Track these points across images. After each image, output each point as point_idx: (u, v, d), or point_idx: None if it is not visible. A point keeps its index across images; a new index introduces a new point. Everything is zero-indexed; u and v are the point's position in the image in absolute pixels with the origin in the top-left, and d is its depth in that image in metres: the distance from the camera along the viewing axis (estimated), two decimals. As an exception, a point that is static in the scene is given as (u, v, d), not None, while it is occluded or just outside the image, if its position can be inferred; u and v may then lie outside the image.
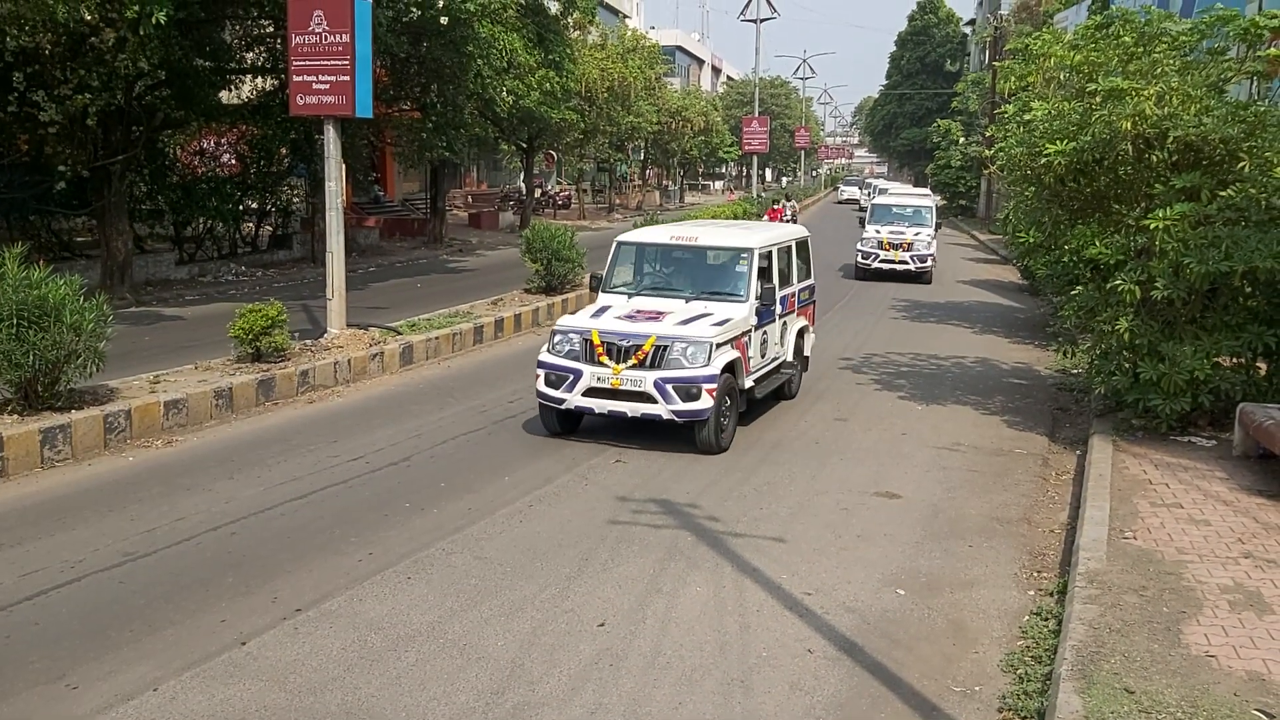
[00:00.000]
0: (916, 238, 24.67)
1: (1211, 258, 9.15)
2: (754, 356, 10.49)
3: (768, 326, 10.92)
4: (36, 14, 13.32)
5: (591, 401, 9.64)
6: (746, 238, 10.89)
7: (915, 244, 24.51)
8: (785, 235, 11.90)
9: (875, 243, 24.78)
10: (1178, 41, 10.27)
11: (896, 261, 24.39)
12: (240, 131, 22.54)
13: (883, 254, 24.49)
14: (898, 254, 24.44)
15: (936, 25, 73.04)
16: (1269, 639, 5.64)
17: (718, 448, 9.58)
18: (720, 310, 10.13)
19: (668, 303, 10.39)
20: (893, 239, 24.62)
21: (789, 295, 11.69)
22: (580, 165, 47.95)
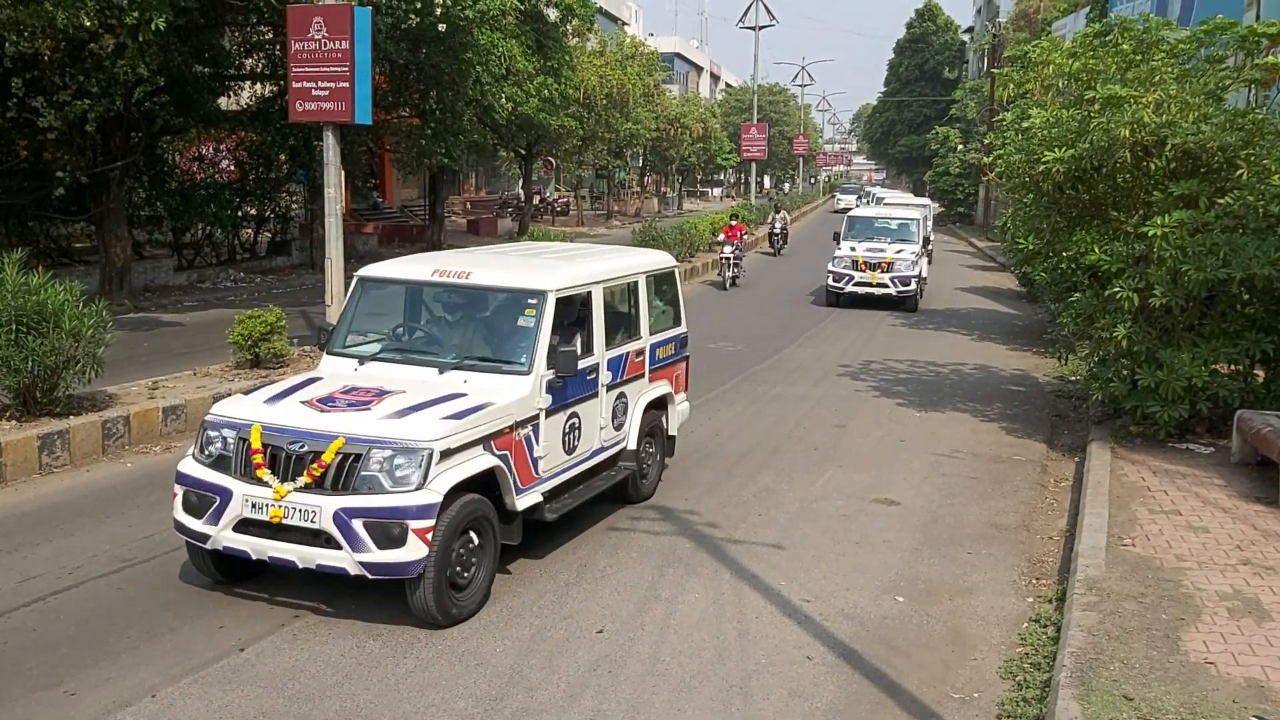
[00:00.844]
0: (899, 257, 21.04)
1: (1209, 265, 9.17)
2: (544, 455, 6.89)
3: (580, 405, 7.36)
4: (36, 20, 13.34)
5: (246, 541, 6.12)
6: (543, 274, 7.26)
7: (897, 264, 20.86)
8: (625, 268, 8.24)
9: (849, 262, 21.14)
10: (1176, 49, 10.30)
11: (874, 285, 20.85)
12: (239, 138, 22.56)
13: (857, 275, 20.94)
14: (875, 275, 20.83)
15: (935, 33, 73.20)
16: (1267, 646, 5.64)
17: (443, 618, 6.06)
18: (480, 389, 6.59)
19: (410, 375, 6.90)
20: (870, 258, 21.05)
21: (630, 354, 8.09)
22: (579, 172, 47.97)
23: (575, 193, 48.18)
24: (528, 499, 6.75)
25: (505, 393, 6.61)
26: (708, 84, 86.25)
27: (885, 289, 20.81)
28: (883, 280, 20.82)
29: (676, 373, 9.08)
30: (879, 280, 20.81)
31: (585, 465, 7.62)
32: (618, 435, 8.04)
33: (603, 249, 9.52)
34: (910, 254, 21.24)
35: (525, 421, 6.70)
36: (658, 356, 8.62)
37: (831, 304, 21.25)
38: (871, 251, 21.22)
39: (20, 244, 15.53)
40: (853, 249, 21.41)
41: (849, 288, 20.99)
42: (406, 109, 23.44)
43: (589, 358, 7.47)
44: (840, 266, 21.24)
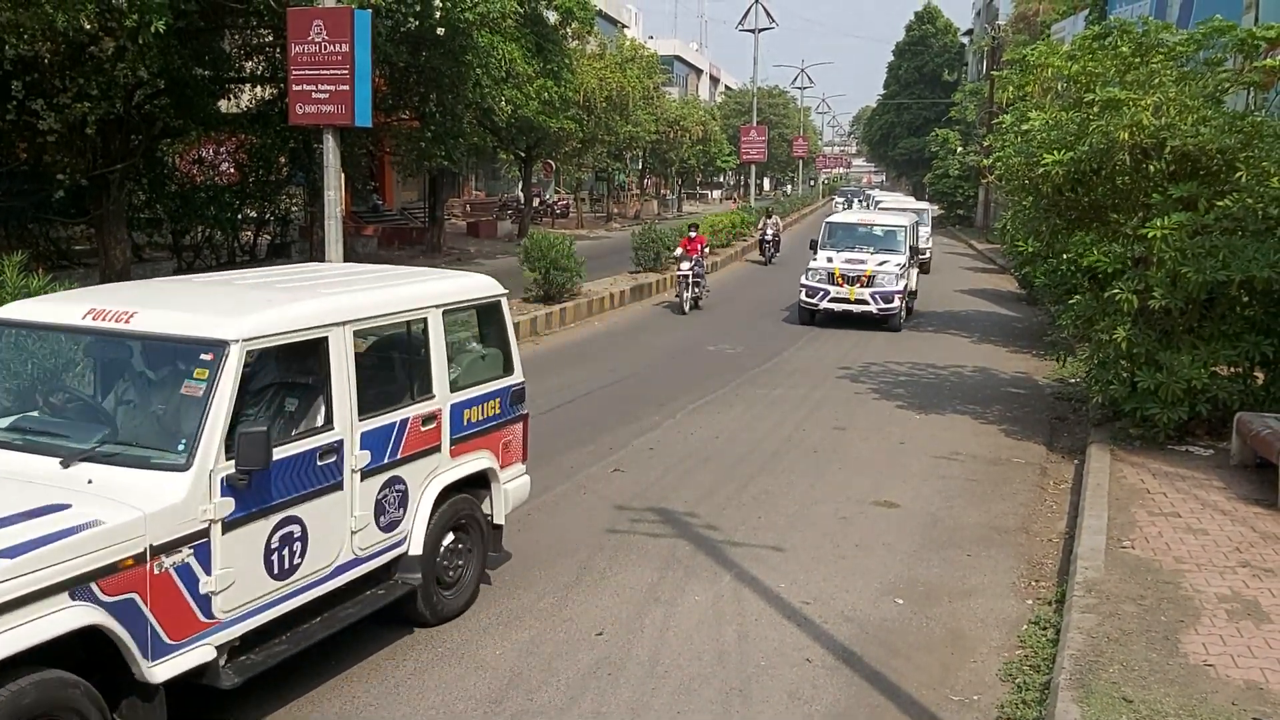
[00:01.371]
0: (881, 269, 18.51)
1: (1209, 267, 9.18)
2: (228, 587, 4.79)
3: (304, 505, 5.21)
4: (35, 22, 13.33)
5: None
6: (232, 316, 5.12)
7: (878, 277, 18.34)
8: (399, 301, 6.08)
9: (824, 275, 18.62)
10: (1175, 52, 10.31)
11: (852, 301, 18.31)
12: (239, 140, 22.55)
13: (833, 290, 18.41)
14: (854, 290, 18.29)
15: (934, 35, 73.20)
16: (1267, 648, 5.64)
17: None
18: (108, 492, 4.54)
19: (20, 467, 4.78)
20: (848, 270, 18.50)
21: (411, 421, 5.93)
22: (578, 174, 47.97)
23: (575, 195, 48.20)
24: (181, 661, 4.57)
25: (144, 499, 4.49)
26: (707, 86, 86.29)
27: (865, 306, 18.34)
28: (862, 296, 18.32)
29: (506, 438, 6.82)
30: (858, 296, 18.33)
31: (319, 589, 5.37)
32: (387, 537, 5.82)
33: (392, 275, 6.96)
34: (894, 266, 18.77)
35: (178, 543, 4.56)
36: (467, 420, 6.41)
37: (805, 322, 18.91)
38: (850, 263, 18.77)
39: (20, 246, 15.51)
40: (830, 259, 18.99)
41: (824, 304, 18.57)
42: (406, 111, 23.44)
43: (323, 434, 5.33)
44: (814, 280, 18.74)
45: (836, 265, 18.68)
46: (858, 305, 18.31)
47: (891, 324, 18.40)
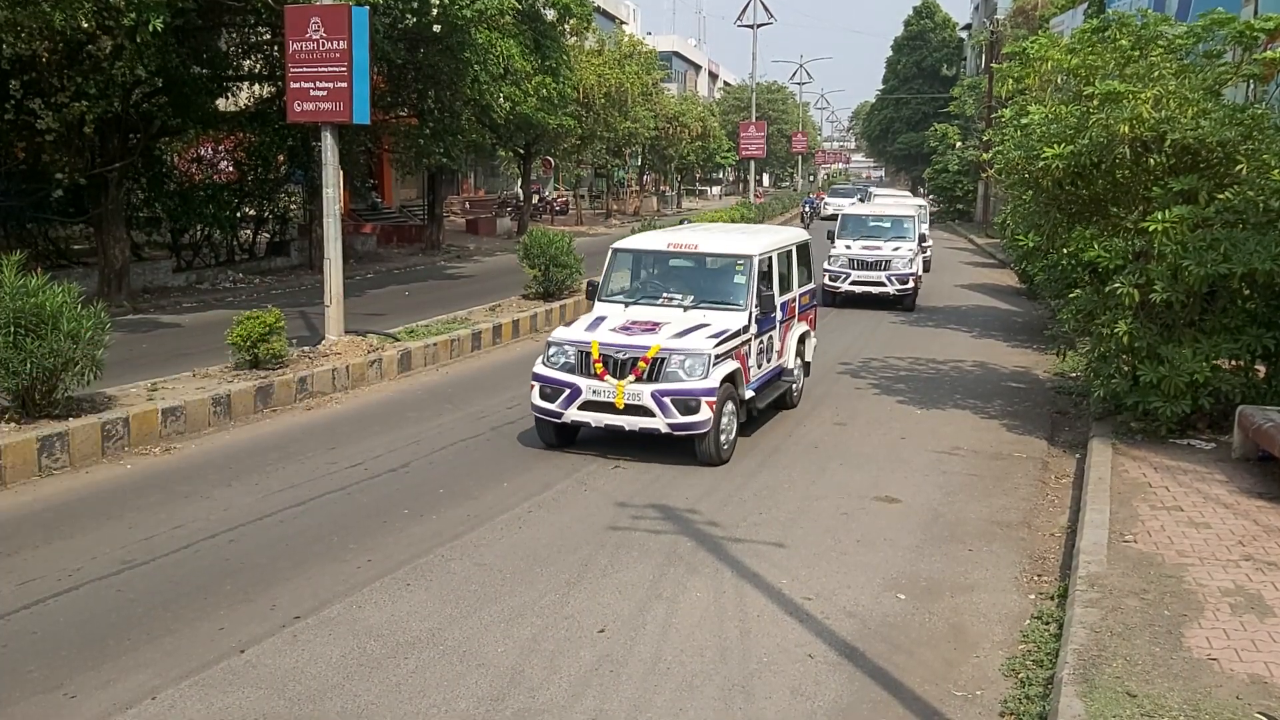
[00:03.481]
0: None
1: (1210, 260, 9.16)
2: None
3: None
4: (33, 21, 13.32)
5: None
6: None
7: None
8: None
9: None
10: (1174, 45, 10.29)
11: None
12: (237, 139, 22.54)
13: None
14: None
15: (933, 30, 73.15)
16: (1270, 642, 5.63)
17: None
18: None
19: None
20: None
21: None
22: (578, 171, 47.95)
23: (574, 192, 48.17)
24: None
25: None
26: (706, 82, 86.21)
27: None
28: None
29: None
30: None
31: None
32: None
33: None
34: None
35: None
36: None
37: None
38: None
39: (18, 246, 15.51)
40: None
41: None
42: (405, 109, 23.41)
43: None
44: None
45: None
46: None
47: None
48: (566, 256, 18.73)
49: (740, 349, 9.89)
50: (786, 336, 11.48)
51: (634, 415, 9.36)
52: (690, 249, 10.80)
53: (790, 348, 11.58)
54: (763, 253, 10.66)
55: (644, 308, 10.41)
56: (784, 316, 11.27)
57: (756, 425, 10.94)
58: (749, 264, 10.37)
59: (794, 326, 11.73)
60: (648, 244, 11.18)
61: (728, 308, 10.17)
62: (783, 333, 11.29)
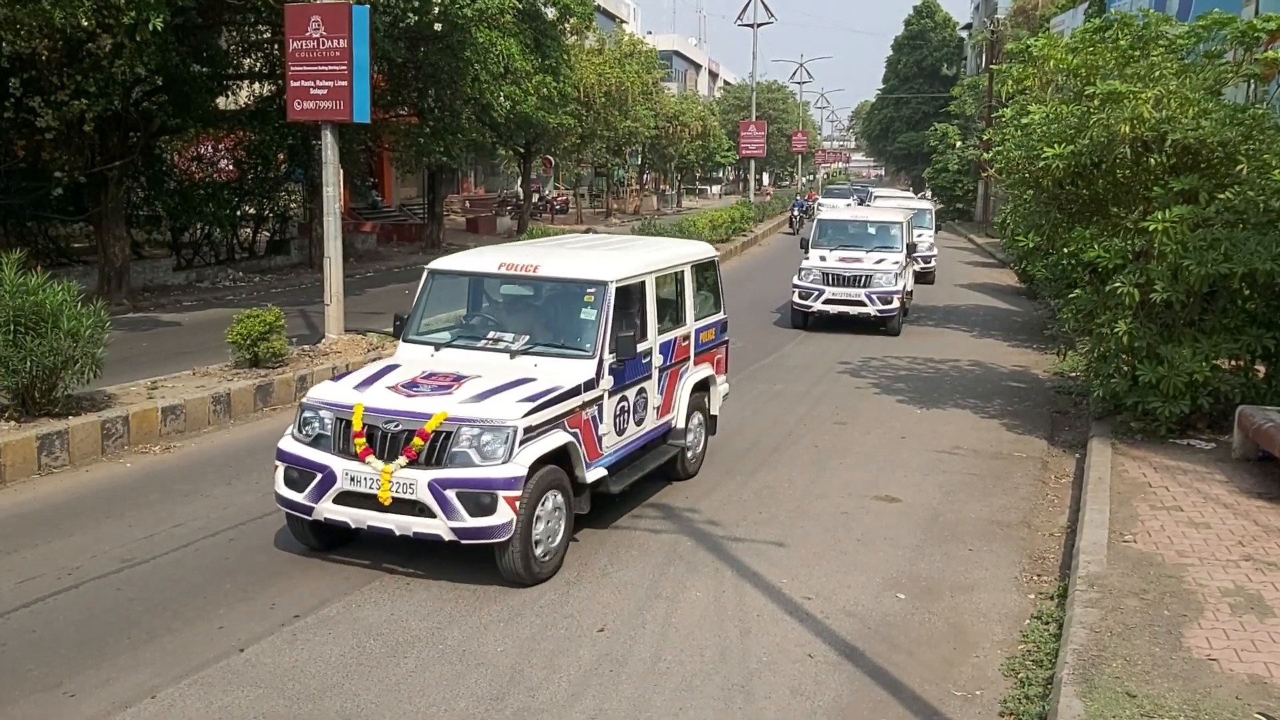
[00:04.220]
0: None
1: (1210, 260, 9.16)
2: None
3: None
4: (33, 19, 13.31)
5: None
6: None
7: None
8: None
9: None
10: (1175, 45, 10.28)
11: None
12: (238, 137, 22.53)
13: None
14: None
15: (933, 29, 73.13)
16: (1270, 642, 5.63)
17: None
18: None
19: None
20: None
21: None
22: (578, 170, 47.95)
23: (574, 191, 48.16)
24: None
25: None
26: (706, 81, 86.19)
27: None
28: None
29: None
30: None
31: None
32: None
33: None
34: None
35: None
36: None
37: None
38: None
39: (18, 244, 15.51)
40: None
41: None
42: (405, 107, 23.39)
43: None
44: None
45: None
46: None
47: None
48: (566, 256, 18.66)
49: (579, 413, 7.20)
50: (675, 386, 8.75)
51: (405, 515, 6.57)
52: (527, 271, 7.98)
53: (681, 401, 8.79)
54: (626, 277, 7.91)
55: (458, 353, 7.72)
56: (669, 361, 8.56)
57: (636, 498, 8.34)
58: (602, 293, 7.61)
59: (687, 373, 8.94)
60: (473, 265, 8.40)
61: (570, 353, 7.51)
62: (667, 383, 8.57)
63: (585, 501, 7.31)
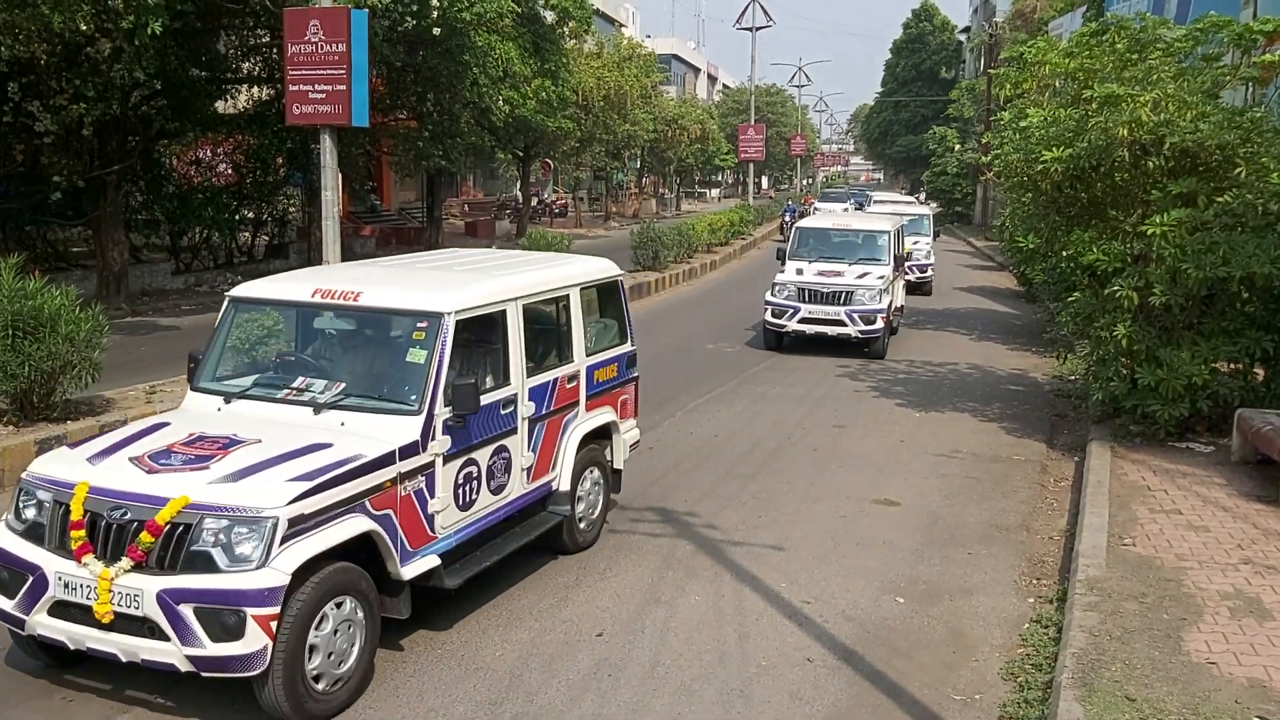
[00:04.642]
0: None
1: (1209, 263, 9.16)
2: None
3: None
4: (31, 24, 13.31)
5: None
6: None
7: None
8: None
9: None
10: (1172, 48, 10.29)
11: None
12: (236, 141, 22.53)
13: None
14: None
15: (931, 33, 73.26)
16: (1270, 645, 5.62)
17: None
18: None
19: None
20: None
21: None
22: (577, 174, 47.96)
23: (573, 194, 48.18)
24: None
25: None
26: (705, 85, 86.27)
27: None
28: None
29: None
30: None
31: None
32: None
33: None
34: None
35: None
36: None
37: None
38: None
39: (17, 248, 15.54)
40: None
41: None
42: (404, 111, 23.41)
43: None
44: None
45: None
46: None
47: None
48: (565, 259, 18.67)
49: (392, 489, 5.51)
50: (558, 439, 7.10)
51: (132, 635, 4.91)
52: (347, 300, 6.27)
53: (565, 457, 7.14)
54: (473, 306, 6.23)
55: (251, 406, 6.05)
56: (546, 408, 6.89)
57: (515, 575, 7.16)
58: (436, 328, 5.94)
59: (576, 421, 7.29)
60: (284, 291, 6.68)
61: (390, 408, 5.87)
62: (543, 436, 6.88)
63: (405, 604, 5.61)
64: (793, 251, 16.87)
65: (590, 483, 7.53)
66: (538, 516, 7.01)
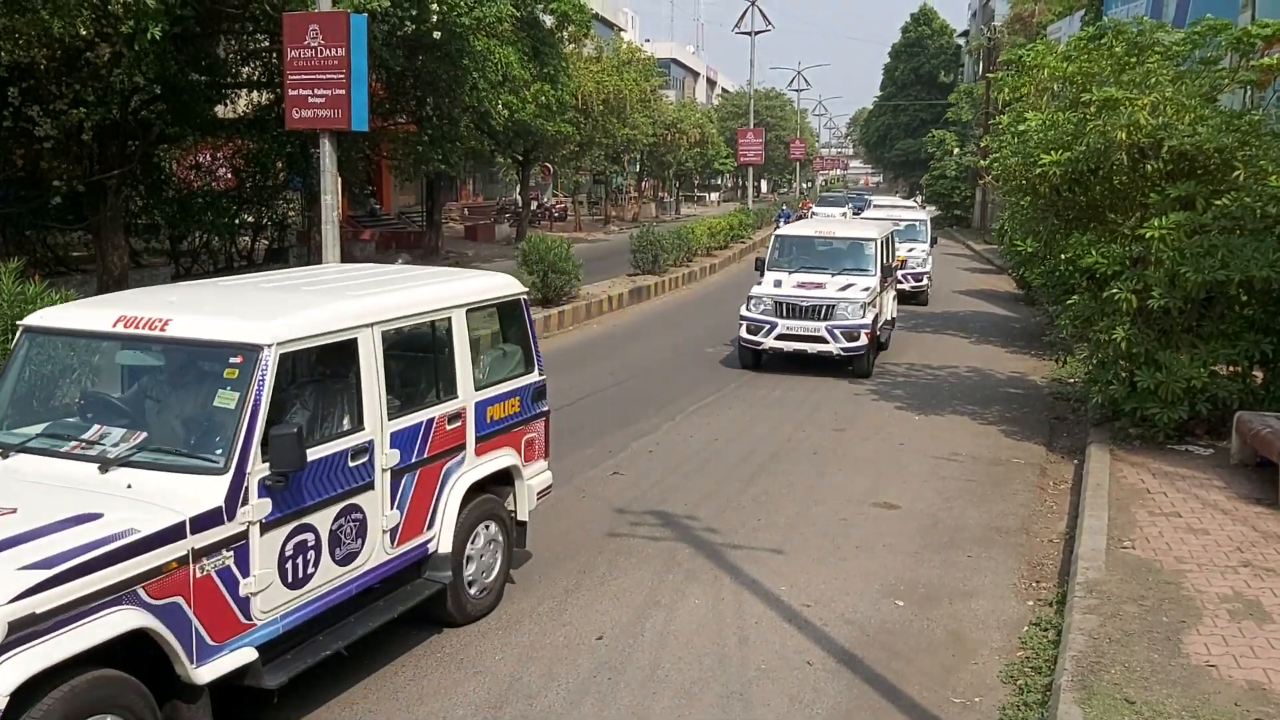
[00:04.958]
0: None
1: (1207, 266, 9.17)
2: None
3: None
4: (31, 28, 13.31)
5: None
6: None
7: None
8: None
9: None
10: (1170, 52, 10.31)
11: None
12: (236, 145, 22.55)
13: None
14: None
15: (930, 37, 73.28)
16: (1269, 648, 5.63)
17: None
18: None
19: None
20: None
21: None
22: (576, 178, 48.00)
23: (573, 198, 48.21)
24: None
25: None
26: (704, 89, 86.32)
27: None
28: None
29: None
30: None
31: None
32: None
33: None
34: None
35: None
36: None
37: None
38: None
39: (17, 253, 15.52)
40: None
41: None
42: (403, 116, 23.44)
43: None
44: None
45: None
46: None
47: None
48: (565, 263, 18.75)
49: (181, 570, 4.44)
50: (436, 492, 6.00)
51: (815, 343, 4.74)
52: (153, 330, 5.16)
53: (445, 512, 6.04)
54: (305, 336, 5.17)
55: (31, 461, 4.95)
56: (418, 455, 5.81)
57: None
58: (251, 364, 4.89)
59: (461, 468, 6.19)
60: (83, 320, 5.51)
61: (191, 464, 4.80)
62: (413, 489, 5.80)
63: (203, 711, 4.56)
64: (772, 261, 15.53)
65: (485, 540, 6.35)
66: (411, 585, 5.88)
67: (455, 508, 6.07)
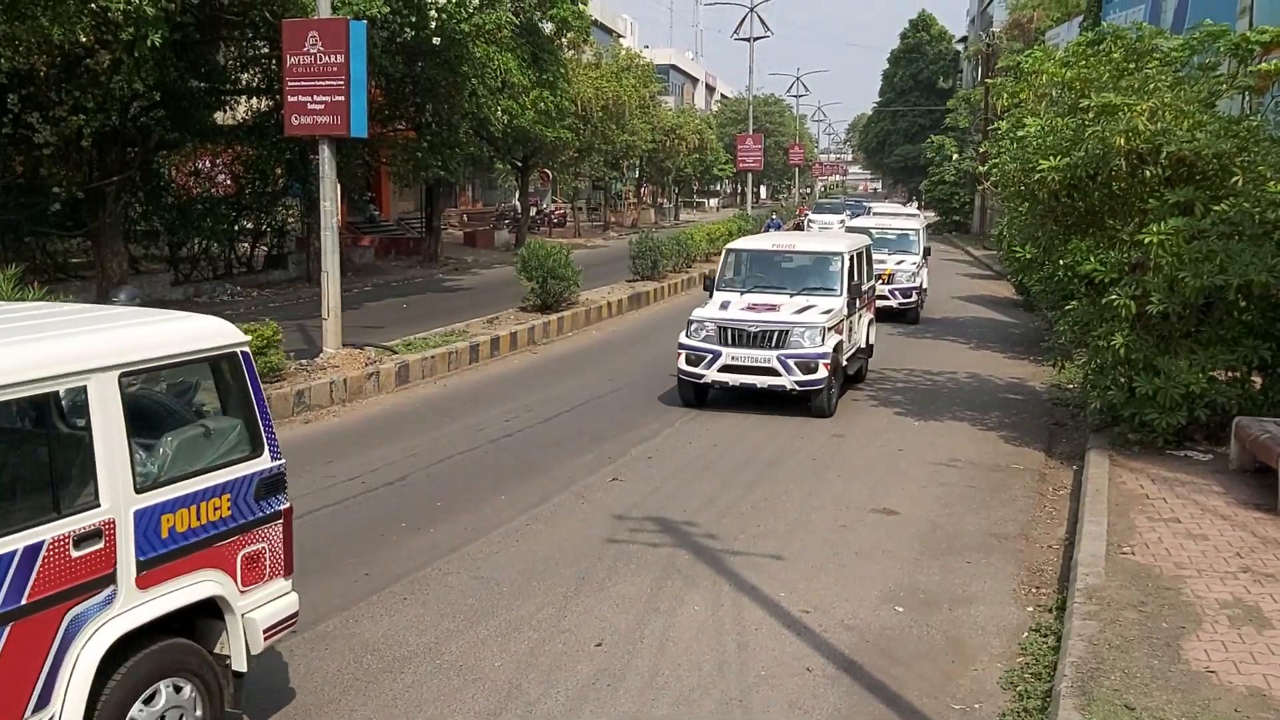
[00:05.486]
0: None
1: (1206, 272, 9.17)
2: None
3: None
4: (31, 35, 13.35)
5: None
6: None
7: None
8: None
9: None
10: (1169, 57, 10.33)
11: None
12: (235, 152, 22.60)
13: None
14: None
15: (929, 43, 73.44)
16: (1269, 654, 5.62)
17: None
18: None
19: None
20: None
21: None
22: (575, 184, 48.02)
23: (572, 204, 48.25)
24: None
25: None
26: (703, 95, 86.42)
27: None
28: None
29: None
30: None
31: None
32: None
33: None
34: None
35: None
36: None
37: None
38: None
39: (16, 260, 15.51)
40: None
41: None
42: (403, 122, 23.48)
43: None
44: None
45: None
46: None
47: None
48: (564, 269, 18.74)
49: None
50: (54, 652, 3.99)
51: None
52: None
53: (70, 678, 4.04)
54: None
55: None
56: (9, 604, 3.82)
57: None
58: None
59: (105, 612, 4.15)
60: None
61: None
62: None
63: None
64: (723, 280, 13.22)
65: (164, 704, 4.38)
66: None
67: (87, 674, 4.04)
